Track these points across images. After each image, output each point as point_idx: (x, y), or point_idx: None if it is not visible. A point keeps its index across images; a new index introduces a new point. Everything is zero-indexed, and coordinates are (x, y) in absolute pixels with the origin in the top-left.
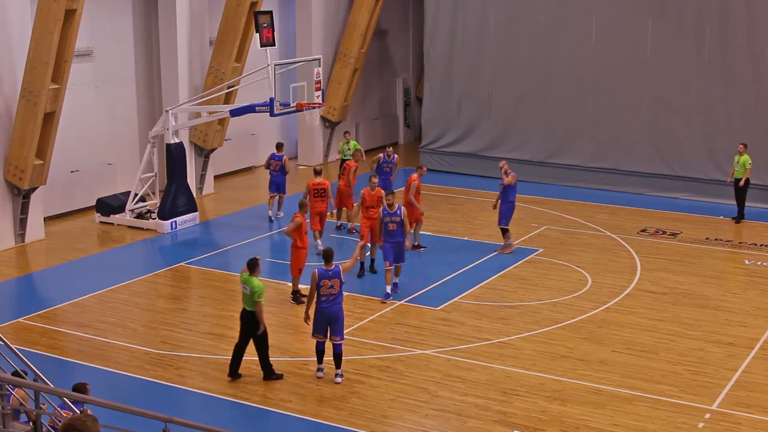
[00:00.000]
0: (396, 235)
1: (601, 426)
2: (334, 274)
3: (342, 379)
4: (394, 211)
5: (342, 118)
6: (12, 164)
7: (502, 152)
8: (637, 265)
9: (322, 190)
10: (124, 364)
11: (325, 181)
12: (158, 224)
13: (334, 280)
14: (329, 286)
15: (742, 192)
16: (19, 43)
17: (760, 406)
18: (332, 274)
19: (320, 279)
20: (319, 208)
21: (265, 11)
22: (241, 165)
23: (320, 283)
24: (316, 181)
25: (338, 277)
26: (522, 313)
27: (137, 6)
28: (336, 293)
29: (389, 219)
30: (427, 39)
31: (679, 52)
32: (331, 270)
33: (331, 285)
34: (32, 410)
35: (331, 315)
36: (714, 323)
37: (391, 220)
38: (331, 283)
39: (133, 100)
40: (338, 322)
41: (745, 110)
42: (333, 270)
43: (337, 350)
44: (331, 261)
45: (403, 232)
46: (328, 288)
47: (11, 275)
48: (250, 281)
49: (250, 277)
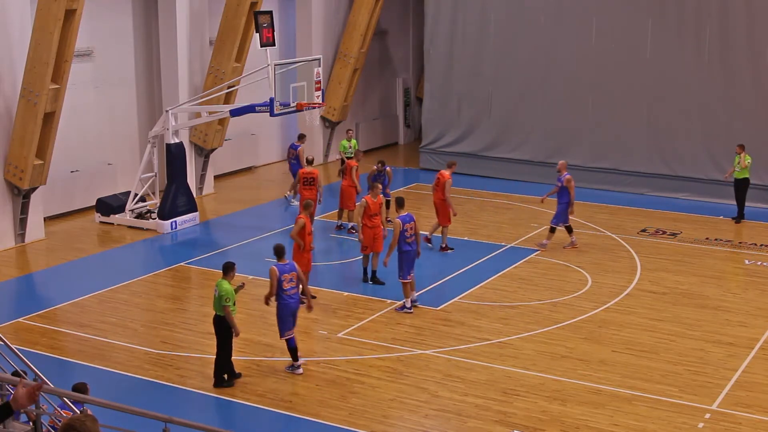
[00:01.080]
0: (414, 243)
1: (601, 426)
2: (291, 268)
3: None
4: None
5: (342, 118)
6: (12, 164)
7: (502, 152)
8: (637, 265)
9: (311, 178)
10: (124, 364)
11: (315, 170)
12: (158, 224)
13: (292, 273)
14: (289, 280)
15: (743, 192)
16: (19, 43)
17: (760, 406)
18: (289, 268)
19: (281, 275)
20: (307, 195)
21: (265, 11)
22: (241, 165)
23: (281, 278)
24: (306, 170)
25: (295, 270)
26: (522, 313)
27: (137, 6)
28: (295, 286)
29: (410, 227)
30: (427, 39)
31: (679, 52)
32: (288, 264)
33: (291, 279)
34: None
35: (296, 308)
36: (714, 323)
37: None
38: (290, 277)
39: (133, 100)
40: (296, 314)
41: (745, 110)
42: (289, 264)
43: (292, 344)
44: (283, 256)
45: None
46: (289, 282)
47: (11, 275)
48: (219, 285)
49: (221, 281)
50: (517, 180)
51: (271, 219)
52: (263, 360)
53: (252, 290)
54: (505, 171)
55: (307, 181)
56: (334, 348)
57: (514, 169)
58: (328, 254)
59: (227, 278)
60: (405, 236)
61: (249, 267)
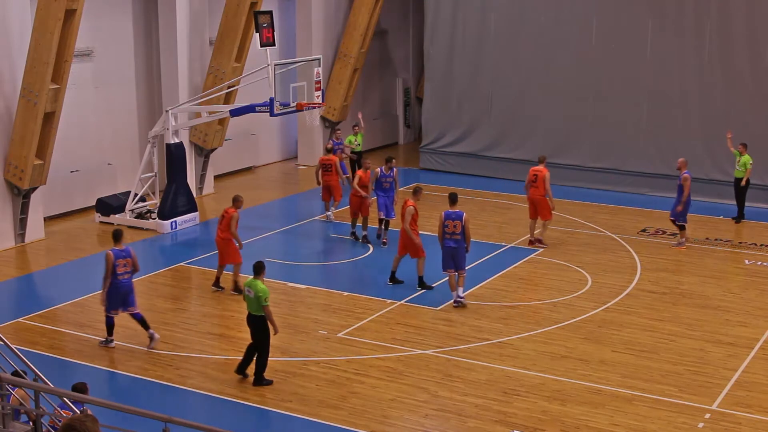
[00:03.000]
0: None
1: (601, 426)
2: (126, 254)
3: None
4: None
5: (342, 118)
6: (12, 164)
7: (502, 152)
8: (637, 265)
9: (329, 165)
10: (124, 364)
11: (334, 157)
12: (158, 224)
13: (127, 259)
14: (123, 265)
15: (742, 192)
16: (19, 43)
17: (760, 406)
18: (125, 254)
19: (116, 259)
20: (326, 181)
21: (265, 11)
22: (241, 165)
23: (116, 263)
24: (324, 157)
25: (130, 255)
26: (522, 313)
27: (137, 6)
28: (129, 271)
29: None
30: (427, 39)
31: (679, 52)
32: (124, 250)
33: (125, 264)
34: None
35: (125, 291)
36: (714, 323)
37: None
38: (125, 262)
39: (133, 100)
40: (132, 293)
41: (745, 110)
42: (125, 249)
43: (138, 317)
44: (121, 241)
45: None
46: (123, 267)
47: (11, 275)
48: (254, 285)
49: (255, 281)
50: (517, 180)
51: (271, 219)
52: None
53: None
54: (505, 171)
55: (326, 168)
56: (334, 348)
57: (514, 169)
58: (329, 254)
59: (259, 278)
60: (445, 231)
61: (249, 267)
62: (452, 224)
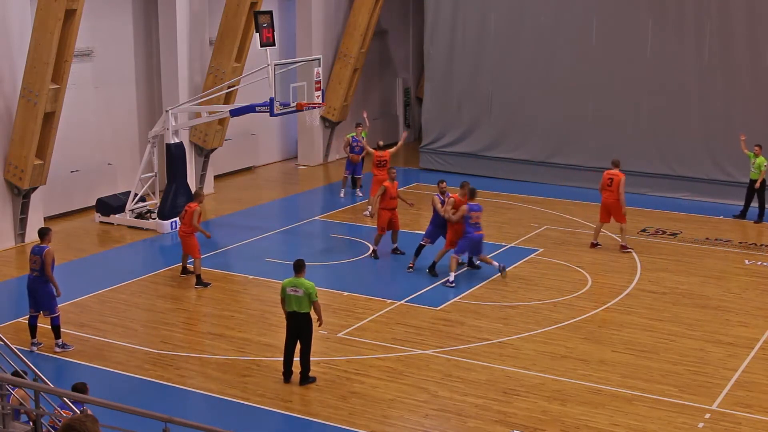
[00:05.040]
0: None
1: (601, 426)
2: (39, 251)
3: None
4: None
5: (342, 118)
6: (12, 164)
7: (502, 152)
8: (637, 265)
9: (384, 161)
10: (124, 364)
11: (386, 152)
12: (158, 224)
13: (36, 256)
14: (33, 261)
15: (760, 193)
16: (19, 43)
17: (760, 406)
18: (37, 251)
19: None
20: (380, 176)
21: (265, 11)
22: (241, 165)
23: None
24: (378, 153)
25: (40, 255)
26: (522, 313)
27: (137, 6)
28: (38, 269)
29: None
30: (427, 39)
31: (679, 52)
32: (38, 247)
33: (35, 261)
34: (32, 410)
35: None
36: (714, 323)
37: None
38: (35, 259)
39: (133, 100)
40: (39, 293)
41: (745, 110)
42: (39, 247)
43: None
44: (43, 239)
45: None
46: (32, 263)
47: (11, 275)
48: (301, 283)
49: (299, 279)
50: (517, 180)
51: (271, 219)
52: (263, 360)
53: (252, 290)
54: (505, 171)
55: (380, 163)
56: (334, 348)
57: (514, 169)
58: (329, 254)
59: (301, 275)
60: (469, 222)
61: (249, 267)
62: (476, 215)
